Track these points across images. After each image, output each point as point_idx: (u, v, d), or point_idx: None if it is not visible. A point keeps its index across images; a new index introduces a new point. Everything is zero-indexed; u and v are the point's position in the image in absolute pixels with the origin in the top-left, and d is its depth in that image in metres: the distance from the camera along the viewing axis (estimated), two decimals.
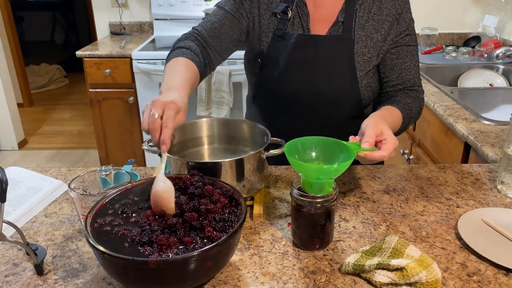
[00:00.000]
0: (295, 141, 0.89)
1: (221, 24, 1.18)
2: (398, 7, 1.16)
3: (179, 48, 1.13)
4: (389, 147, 0.91)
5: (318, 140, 0.91)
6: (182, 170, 0.94)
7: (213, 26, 1.18)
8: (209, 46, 1.17)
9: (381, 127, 0.94)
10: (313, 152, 0.91)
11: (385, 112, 1.08)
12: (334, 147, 0.89)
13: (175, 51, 1.13)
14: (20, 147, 3.95)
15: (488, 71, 2.30)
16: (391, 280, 0.75)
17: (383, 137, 0.93)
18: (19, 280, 0.79)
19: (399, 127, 1.12)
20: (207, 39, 1.17)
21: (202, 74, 1.13)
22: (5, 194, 0.71)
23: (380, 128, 0.93)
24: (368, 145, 0.90)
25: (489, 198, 1.05)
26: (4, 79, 3.75)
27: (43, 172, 1.18)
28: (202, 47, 1.16)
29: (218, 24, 1.18)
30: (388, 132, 0.93)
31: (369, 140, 0.90)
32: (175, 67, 1.05)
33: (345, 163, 0.82)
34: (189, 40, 1.16)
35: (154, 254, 0.69)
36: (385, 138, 0.92)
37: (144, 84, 2.78)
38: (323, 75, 1.17)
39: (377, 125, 0.94)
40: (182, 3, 3.15)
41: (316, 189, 0.83)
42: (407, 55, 1.18)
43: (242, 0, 1.19)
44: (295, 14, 1.18)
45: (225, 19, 1.19)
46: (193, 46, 1.14)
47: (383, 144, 0.92)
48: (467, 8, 2.91)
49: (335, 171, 0.82)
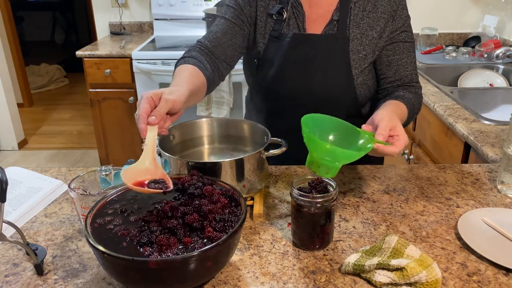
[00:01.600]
0: (312, 116, 0.88)
1: (223, 33, 1.19)
2: (393, 4, 1.16)
3: (183, 58, 1.14)
4: (401, 143, 0.91)
5: (336, 121, 0.90)
6: (182, 170, 0.94)
7: (216, 36, 1.19)
8: (214, 55, 1.18)
9: (395, 122, 0.93)
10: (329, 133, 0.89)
11: (395, 107, 1.08)
12: (350, 133, 0.88)
13: (179, 62, 1.14)
14: (20, 147, 3.95)
15: (488, 71, 2.30)
16: (391, 280, 0.75)
17: (396, 132, 0.92)
18: (19, 280, 0.79)
19: (403, 122, 1.12)
20: (211, 49, 1.18)
21: (209, 80, 1.13)
22: (5, 194, 0.71)
23: (394, 123, 0.93)
24: (382, 138, 0.89)
25: (489, 198, 1.05)
26: (4, 79, 3.75)
27: (43, 172, 1.18)
28: (207, 56, 1.17)
29: (221, 33, 1.19)
30: (401, 129, 0.93)
31: (384, 133, 0.90)
32: (177, 74, 1.06)
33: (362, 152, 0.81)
34: (193, 51, 1.17)
35: (154, 254, 0.69)
36: (397, 134, 0.92)
37: (144, 84, 2.78)
38: (319, 74, 1.17)
39: (392, 119, 0.93)
40: (182, 3, 3.14)
41: (323, 171, 0.81)
42: (403, 51, 1.18)
43: (242, 7, 1.20)
44: (291, 14, 1.19)
45: (227, 28, 1.20)
46: (197, 55, 1.15)
47: (396, 140, 0.92)
48: (467, 8, 2.91)
49: (347, 157, 0.81)
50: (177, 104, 0.87)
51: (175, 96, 0.87)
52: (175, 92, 0.89)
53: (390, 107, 1.07)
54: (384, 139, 0.89)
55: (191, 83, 1.01)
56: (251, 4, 1.21)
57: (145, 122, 0.83)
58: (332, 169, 0.81)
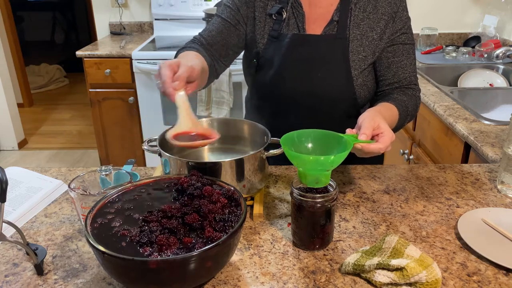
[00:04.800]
0: (291, 134, 0.90)
1: (218, 32, 1.21)
2: (394, 5, 1.16)
3: (185, 48, 1.16)
4: (386, 140, 0.91)
5: (314, 132, 0.91)
6: (182, 170, 0.94)
7: (211, 34, 1.21)
8: (209, 52, 1.19)
9: (378, 120, 0.93)
10: (310, 144, 0.91)
11: (382, 108, 1.08)
12: (331, 140, 0.90)
13: (181, 50, 1.16)
14: (20, 147, 3.95)
15: (488, 71, 2.30)
16: (391, 280, 0.75)
17: (380, 130, 0.92)
18: (19, 280, 0.79)
19: (396, 124, 1.12)
20: (206, 46, 1.20)
21: (210, 69, 1.15)
22: (5, 194, 0.71)
23: (377, 122, 0.93)
24: (365, 137, 0.90)
25: (489, 198, 1.05)
26: (4, 79, 3.75)
27: (43, 172, 1.18)
28: (206, 50, 1.19)
29: (216, 32, 1.21)
30: (385, 126, 0.93)
31: (366, 132, 0.90)
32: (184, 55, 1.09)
33: (341, 154, 0.82)
34: (193, 44, 1.19)
35: (154, 254, 0.69)
36: (382, 132, 0.92)
37: (144, 84, 2.78)
38: (318, 74, 1.17)
39: (374, 118, 0.94)
40: (182, 3, 3.14)
41: (311, 181, 0.83)
42: (403, 53, 1.18)
43: (238, 7, 1.21)
44: (290, 14, 1.19)
45: (222, 27, 1.21)
46: (197, 47, 1.17)
47: (380, 137, 0.92)
48: (467, 8, 2.91)
49: (331, 163, 0.82)
50: (194, 71, 0.93)
51: (191, 63, 0.93)
52: (189, 60, 0.95)
53: (376, 108, 1.06)
54: (367, 138, 0.90)
55: (200, 61, 1.04)
56: (249, 5, 1.21)
57: (172, 87, 0.87)
58: (323, 177, 0.83)
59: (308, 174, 0.83)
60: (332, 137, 0.90)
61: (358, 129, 0.94)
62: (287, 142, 0.88)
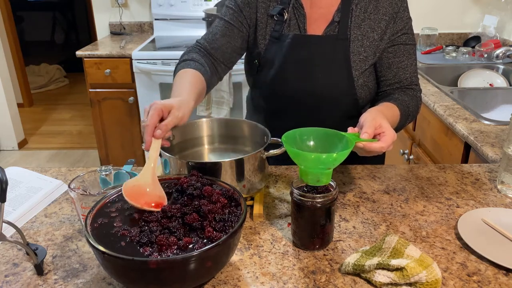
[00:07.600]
0: (293, 132, 0.90)
1: (222, 35, 1.20)
2: (395, 6, 1.16)
3: (185, 61, 1.15)
4: (387, 139, 0.91)
5: (316, 131, 0.91)
6: (182, 170, 0.94)
7: (215, 37, 1.20)
8: (213, 57, 1.19)
9: (380, 119, 0.94)
10: (311, 142, 0.91)
11: (383, 108, 1.08)
12: (333, 138, 0.90)
13: (180, 64, 1.15)
14: (20, 147, 3.95)
15: (488, 71, 2.30)
16: (391, 280, 0.75)
17: (382, 130, 0.93)
18: (19, 280, 0.79)
19: (397, 124, 1.12)
20: (210, 51, 1.19)
21: (209, 83, 1.14)
22: (5, 194, 0.71)
23: (379, 121, 0.93)
24: (367, 136, 0.90)
25: (489, 198, 1.05)
26: (4, 79, 3.75)
27: (43, 172, 1.18)
28: (206, 58, 1.18)
29: (219, 35, 1.20)
30: (387, 125, 0.93)
31: (368, 131, 0.90)
32: (181, 79, 1.08)
33: (343, 152, 0.82)
34: (193, 53, 1.18)
35: (154, 254, 0.69)
36: (383, 131, 0.92)
37: (144, 84, 2.78)
38: (319, 75, 1.17)
39: (376, 117, 0.94)
40: (182, 3, 3.14)
41: (313, 180, 0.83)
42: (404, 53, 1.18)
43: (241, 8, 1.21)
44: (292, 15, 1.19)
45: (226, 30, 1.20)
46: (197, 57, 1.16)
47: (382, 136, 0.92)
48: (467, 8, 2.91)
49: (333, 161, 0.82)
50: (183, 121, 0.91)
51: (182, 113, 0.91)
52: (183, 107, 0.92)
53: (378, 108, 1.07)
54: (369, 137, 0.90)
55: (196, 92, 1.03)
56: (251, 6, 1.21)
57: (151, 135, 0.85)
58: (324, 175, 0.82)
59: (310, 172, 0.83)
60: (334, 135, 0.90)
61: (360, 128, 0.94)
62: (289, 140, 0.88)
